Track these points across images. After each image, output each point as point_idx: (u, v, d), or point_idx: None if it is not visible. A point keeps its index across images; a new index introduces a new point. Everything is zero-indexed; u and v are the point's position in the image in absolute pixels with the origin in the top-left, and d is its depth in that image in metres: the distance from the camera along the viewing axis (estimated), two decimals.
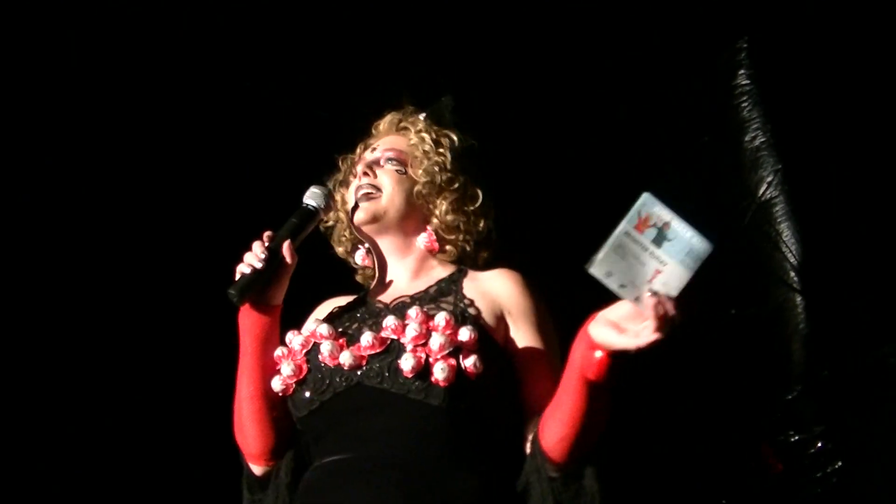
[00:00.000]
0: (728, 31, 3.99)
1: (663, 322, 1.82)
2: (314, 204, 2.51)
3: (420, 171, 2.53)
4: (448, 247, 2.53)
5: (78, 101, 3.85)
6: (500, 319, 2.34)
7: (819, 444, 3.67)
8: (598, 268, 1.82)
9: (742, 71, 3.99)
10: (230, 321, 2.47)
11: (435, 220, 2.53)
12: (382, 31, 3.91)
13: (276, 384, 2.34)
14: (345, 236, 2.68)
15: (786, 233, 3.83)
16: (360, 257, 2.65)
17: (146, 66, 3.88)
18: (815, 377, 3.69)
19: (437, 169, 2.53)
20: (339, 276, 2.71)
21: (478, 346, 2.19)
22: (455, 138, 2.60)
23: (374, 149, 2.60)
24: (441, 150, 2.56)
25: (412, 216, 2.54)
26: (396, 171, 2.54)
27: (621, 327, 1.89)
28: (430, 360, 2.15)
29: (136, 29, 3.78)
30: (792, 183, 3.87)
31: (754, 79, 3.97)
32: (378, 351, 2.23)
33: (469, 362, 2.16)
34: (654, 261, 1.84)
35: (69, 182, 3.88)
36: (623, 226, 1.84)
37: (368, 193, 2.51)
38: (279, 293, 2.42)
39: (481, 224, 2.56)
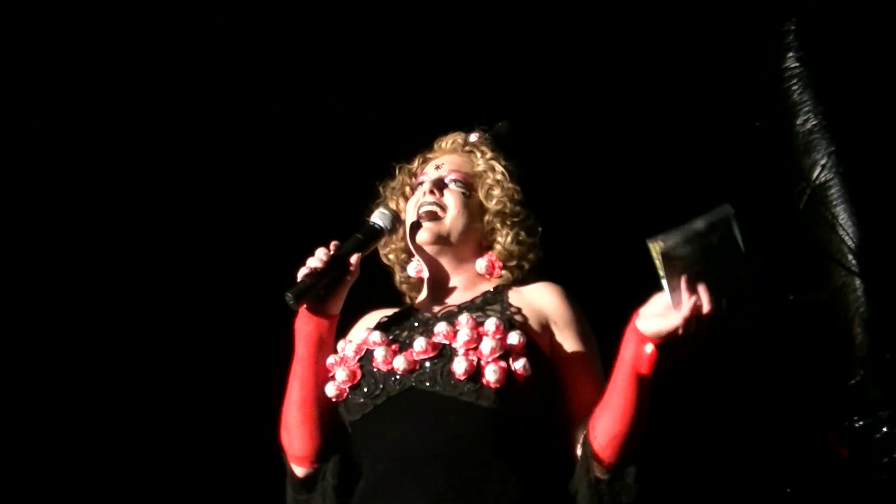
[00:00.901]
0: (776, 14, 3.96)
1: (698, 312, 1.97)
2: (381, 224, 2.54)
3: (492, 201, 2.57)
4: (504, 272, 2.57)
5: (140, 108, 3.90)
6: (546, 329, 2.38)
7: (884, 429, 3.63)
8: (660, 246, 1.90)
9: (791, 54, 3.96)
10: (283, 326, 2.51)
11: (498, 248, 2.57)
12: (429, 37, 3.92)
13: (331, 390, 2.39)
14: (397, 246, 2.69)
15: (842, 216, 3.80)
16: (413, 269, 2.67)
17: (196, 69, 3.91)
18: (878, 361, 3.65)
19: (506, 201, 2.57)
20: (376, 285, 2.71)
21: (526, 350, 2.25)
22: (515, 170, 2.63)
23: (439, 167, 2.62)
24: (511, 182, 2.60)
25: (472, 239, 2.57)
26: (462, 193, 2.56)
27: (664, 315, 2.02)
28: (482, 363, 2.21)
29: (189, 35, 3.82)
30: (846, 165, 3.83)
31: (803, 61, 3.94)
32: (431, 355, 2.28)
33: (519, 365, 2.22)
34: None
35: (134, 192, 3.93)
36: (699, 224, 1.91)
37: (432, 213, 2.54)
38: (337, 303, 2.47)
39: (532, 254, 2.60)
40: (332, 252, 2.42)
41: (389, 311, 2.61)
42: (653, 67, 4.06)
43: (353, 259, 2.44)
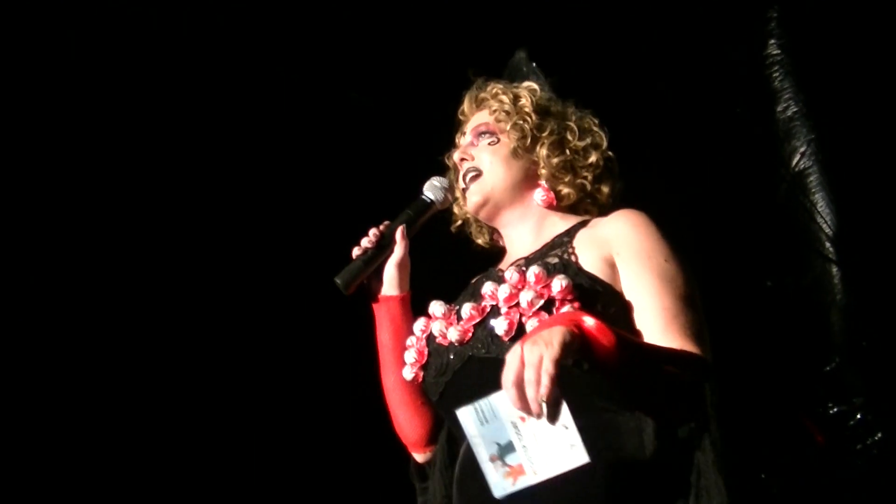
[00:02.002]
0: (758, 1, 3.95)
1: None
2: (431, 196, 2.49)
3: (508, 129, 2.46)
4: (565, 190, 2.43)
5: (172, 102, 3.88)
6: (611, 264, 2.20)
7: (859, 416, 3.65)
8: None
9: (772, 41, 3.95)
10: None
11: (543, 171, 2.43)
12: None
13: (408, 374, 2.32)
14: (476, 227, 2.61)
15: (820, 203, 3.80)
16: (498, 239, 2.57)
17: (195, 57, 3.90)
18: (855, 348, 3.67)
19: (522, 122, 2.45)
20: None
21: (575, 294, 2.08)
22: (533, 85, 2.53)
23: (464, 133, 2.55)
24: (521, 102, 2.48)
25: (520, 179, 2.44)
26: (489, 143, 2.46)
27: None
28: (523, 319, 2.08)
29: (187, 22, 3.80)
30: (825, 153, 3.83)
31: (785, 48, 3.93)
32: (479, 320, 2.18)
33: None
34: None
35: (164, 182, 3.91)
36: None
37: (472, 176, 2.44)
38: (400, 281, 2.41)
39: (592, 156, 2.44)
40: (381, 230, 2.38)
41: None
42: (634, 53, 4.05)
43: (398, 234, 2.38)
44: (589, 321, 1.85)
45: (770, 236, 3.86)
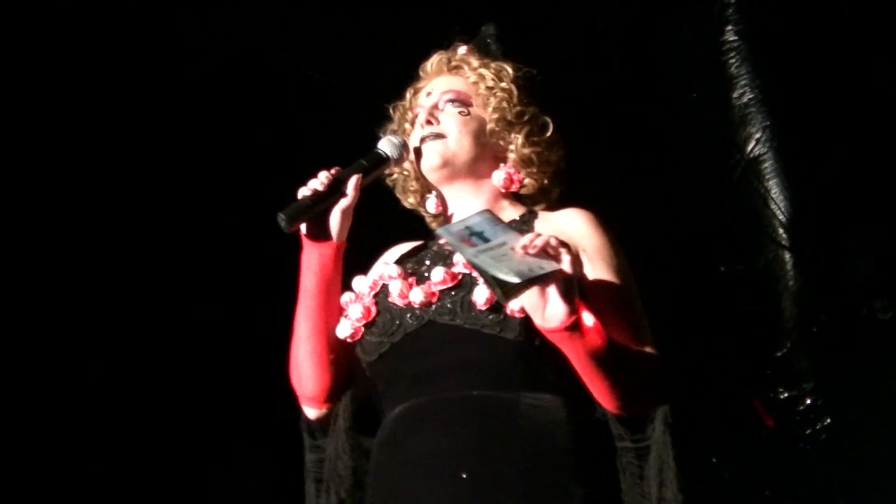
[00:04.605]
0: None
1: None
2: (387, 151, 2.41)
3: (489, 109, 2.43)
4: (527, 180, 2.43)
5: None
6: (575, 257, 2.16)
7: (809, 401, 3.68)
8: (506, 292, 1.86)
9: (730, 27, 3.95)
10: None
11: (511, 156, 2.42)
12: None
13: (345, 329, 2.26)
14: (412, 186, 2.57)
15: (774, 189, 3.82)
16: (432, 205, 2.51)
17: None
18: (805, 334, 3.69)
19: (505, 104, 2.42)
20: (406, 227, 2.63)
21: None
22: (513, 69, 2.50)
23: (430, 93, 2.48)
24: (504, 83, 2.45)
25: (483, 157, 2.42)
26: (459, 112, 2.42)
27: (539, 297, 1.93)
28: None
29: None
30: (780, 139, 3.85)
31: (742, 35, 3.94)
32: (450, 286, 2.15)
33: None
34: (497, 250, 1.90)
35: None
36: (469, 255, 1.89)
37: (434, 137, 2.39)
38: (340, 229, 2.30)
39: (556, 153, 2.46)
40: (333, 174, 2.29)
41: (411, 246, 2.48)
42: (590, 36, 4.05)
43: (351, 181, 2.29)
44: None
45: (724, 222, 3.87)
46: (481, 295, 2.08)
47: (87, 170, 3.79)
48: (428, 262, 2.29)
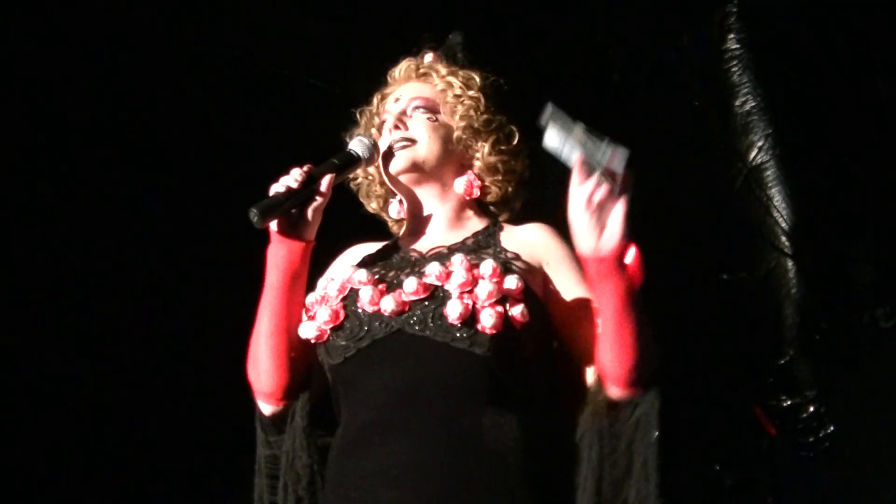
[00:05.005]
0: None
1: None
2: (358, 152, 2.41)
3: (456, 117, 2.42)
4: (493, 188, 2.43)
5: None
6: (539, 272, 2.23)
7: (811, 409, 3.68)
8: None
9: (732, 35, 3.96)
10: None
11: (477, 164, 2.41)
12: None
13: (310, 330, 2.22)
14: (376, 191, 2.55)
15: (776, 197, 3.83)
16: (394, 210, 2.51)
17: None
18: (807, 342, 3.69)
19: (473, 113, 2.42)
20: (366, 229, 2.64)
21: (524, 296, 2.11)
22: (481, 78, 2.48)
23: (398, 99, 2.47)
24: (472, 91, 2.44)
25: (449, 163, 2.41)
26: (427, 118, 2.41)
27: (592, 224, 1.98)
28: (478, 307, 2.06)
29: None
30: (782, 147, 3.85)
31: (744, 43, 3.95)
32: (422, 297, 2.13)
33: (517, 311, 2.07)
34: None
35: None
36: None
37: (403, 144, 2.38)
38: (310, 228, 2.27)
39: (521, 162, 2.45)
40: (307, 172, 2.25)
41: (372, 247, 2.46)
42: (592, 45, 4.05)
43: (325, 181, 2.27)
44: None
45: (726, 230, 3.87)
46: (454, 309, 2.06)
47: (87, 171, 3.80)
48: (396, 271, 2.27)
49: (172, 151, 3.90)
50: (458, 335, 2.06)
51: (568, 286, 2.23)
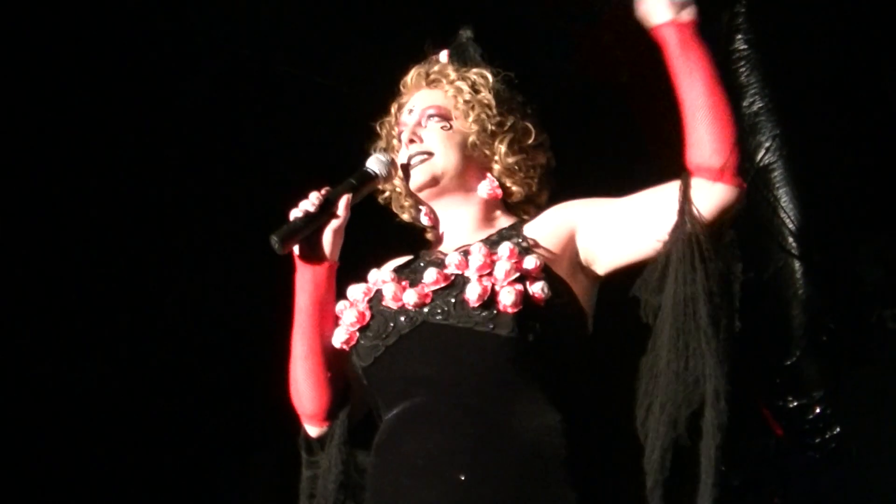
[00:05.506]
0: None
1: None
2: (375, 170, 2.44)
3: (469, 122, 2.43)
4: (514, 188, 2.45)
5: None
6: (569, 246, 2.24)
7: (818, 410, 3.67)
8: None
9: (740, 36, 3.96)
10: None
11: (496, 166, 2.44)
12: None
13: (340, 335, 2.28)
14: (405, 202, 2.58)
15: (784, 198, 3.82)
16: (425, 219, 2.54)
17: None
18: (814, 342, 3.68)
19: (485, 116, 2.43)
20: (400, 241, 2.65)
21: (544, 274, 2.13)
22: (490, 76, 2.50)
23: (411, 110, 2.50)
24: (482, 94, 2.46)
25: (469, 169, 2.43)
26: (442, 127, 2.43)
27: None
28: (497, 287, 2.08)
29: None
30: (790, 148, 3.85)
31: (752, 43, 3.94)
32: (443, 286, 2.17)
33: (536, 288, 2.09)
34: None
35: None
36: None
37: (421, 160, 2.41)
38: (332, 249, 2.33)
39: (541, 157, 2.48)
40: (324, 195, 2.32)
41: (405, 259, 2.50)
42: (602, 44, 4.05)
43: (341, 202, 2.32)
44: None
45: (733, 230, 3.86)
46: (473, 292, 2.08)
47: (88, 172, 3.81)
48: (422, 267, 2.30)
49: (173, 151, 3.91)
50: (480, 318, 2.08)
51: (607, 209, 2.22)
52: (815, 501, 3.66)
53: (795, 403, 3.70)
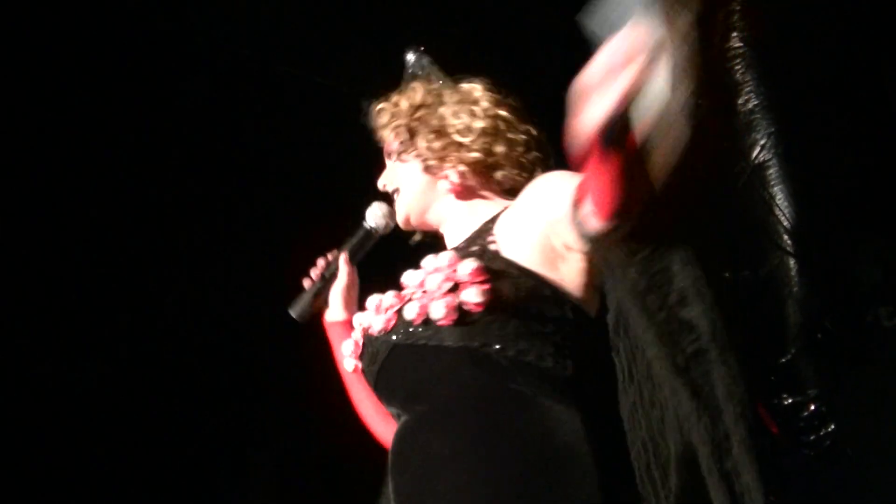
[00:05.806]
0: None
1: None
2: (371, 224, 2.54)
3: (401, 141, 2.47)
4: (464, 169, 2.39)
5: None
6: (536, 223, 2.17)
7: (813, 408, 3.68)
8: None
9: (735, 33, 3.96)
10: None
11: (433, 162, 2.42)
12: None
13: (349, 365, 2.39)
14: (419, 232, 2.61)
15: (779, 196, 3.82)
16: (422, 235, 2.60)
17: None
18: (810, 340, 3.69)
19: (402, 124, 2.46)
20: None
21: (485, 276, 2.08)
22: (410, 86, 2.51)
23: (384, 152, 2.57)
24: (396, 108, 2.48)
25: (425, 181, 2.45)
26: (397, 162, 2.49)
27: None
28: (430, 302, 2.11)
29: None
30: (785, 146, 3.85)
31: (747, 41, 3.94)
32: (398, 307, 2.21)
33: (469, 294, 2.07)
34: None
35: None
36: None
37: (396, 199, 2.50)
38: (341, 307, 2.49)
39: (478, 122, 2.38)
40: (328, 260, 2.48)
41: None
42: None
43: (340, 261, 2.47)
44: None
45: (729, 228, 3.87)
46: (411, 310, 2.12)
47: (88, 172, 3.81)
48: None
49: (173, 151, 3.92)
50: (425, 335, 2.11)
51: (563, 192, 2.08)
52: (810, 500, 3.66)
53: (790, 401, 3.71)
